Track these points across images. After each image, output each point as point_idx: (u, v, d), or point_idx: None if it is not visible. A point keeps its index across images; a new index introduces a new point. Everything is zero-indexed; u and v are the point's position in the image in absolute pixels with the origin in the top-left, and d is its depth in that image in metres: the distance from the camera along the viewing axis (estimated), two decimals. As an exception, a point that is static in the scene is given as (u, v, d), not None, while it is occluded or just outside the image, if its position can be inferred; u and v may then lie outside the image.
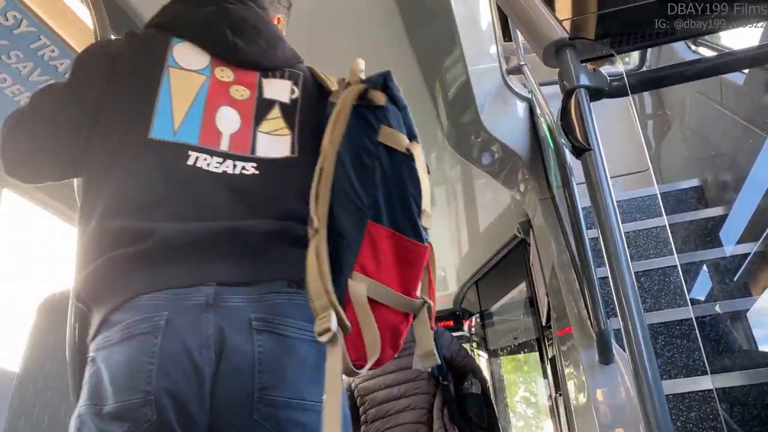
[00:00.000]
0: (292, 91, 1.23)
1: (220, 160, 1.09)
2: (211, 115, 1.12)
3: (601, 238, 0.94)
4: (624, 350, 1.71)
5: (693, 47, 3.40)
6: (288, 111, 1.20)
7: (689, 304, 2.29)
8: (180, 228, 0.99)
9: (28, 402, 1.83)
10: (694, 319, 2.08)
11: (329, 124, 1.08)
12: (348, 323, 0.91)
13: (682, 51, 3.53)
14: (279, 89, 1.22)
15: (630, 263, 0.91)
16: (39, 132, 1.10)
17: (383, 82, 1.15)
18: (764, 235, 2.25)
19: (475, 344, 5.67)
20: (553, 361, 3.68)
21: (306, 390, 0.96)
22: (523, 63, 2.84)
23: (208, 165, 1.07)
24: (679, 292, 2.31)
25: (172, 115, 1.09)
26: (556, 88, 1.09)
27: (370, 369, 1.02)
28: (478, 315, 5.47)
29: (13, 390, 1.88)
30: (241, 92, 1.18)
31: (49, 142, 1.10)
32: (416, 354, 1.05)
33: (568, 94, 1.03)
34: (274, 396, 0.94)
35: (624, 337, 0.89)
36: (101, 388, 0.91)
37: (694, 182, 3.06)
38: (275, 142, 1.15)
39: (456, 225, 4.19)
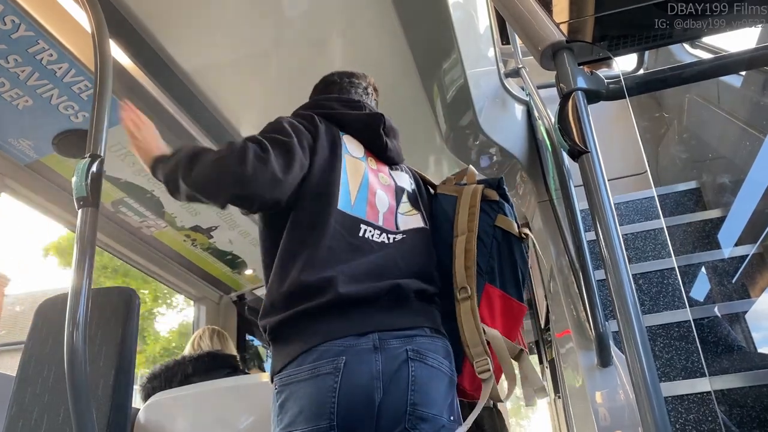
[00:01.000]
0: (411, 183, 1.61)
1: (379, 232, 1.41)
2: (373, 196, 1.45)
3: (598, 240, 0.94)
4: (622, 352, 1.71)
5: (690, 50, 3.41)
6: (412, 197, 1.57)
7: (687, 306, 2.29)
8: (356, 288, 1.27)
9: (26, 406, 1.82)
10: (692, 321, 2.08)
11: (464, 213, 1.50)
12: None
13: (679, 54, 3.53)
14: (404, 180, 1.60)
15: (628, 265, 0.91)
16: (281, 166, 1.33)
17: (497, 184, 1.57)
18: (762, 237, 2.26)
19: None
20: (552, 363, 3.68)
21: (442, 409, 1.25)
22: (521, 66, 2.84)
23: (372, 236, 1.39)
24: (677, 294, 2.31)
25: (350, 193, 1.41)
26: (554, 91, 1.09)
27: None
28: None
29: (12, 394, 1.88)
30: (385, 179, 1.54)
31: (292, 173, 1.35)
32: (525, 389, 1.44)
33: (565, 97, 1.03)
34: (421, 410, 1.21)
35: (622, 339, 0.88)
36: (294, 416, 1.19)
37: (692, 185, 3.06)
38: (410, 219, 1.50)
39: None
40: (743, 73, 2.65)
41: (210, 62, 2.31)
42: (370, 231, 1.39)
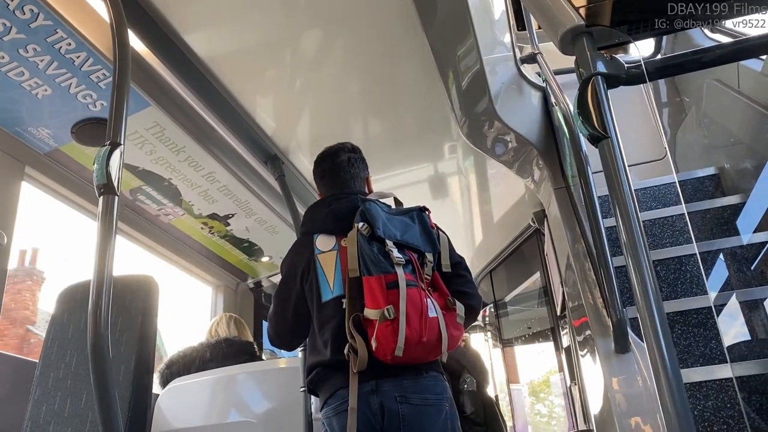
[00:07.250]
0: None
1: None
2: (345, 275, 1.79)
3: (618, 226, 0.93)
4: (640, 339, 1.71)
5: (710, 34, 3.35)
6: None
7: (708, 292, 2.28)
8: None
9: (49, 390, 1.86)
10: (713, 307, 2.07)
11: None
12: None
13: (698, 38, 3.48)
14: None
15: (648, 251, 0.91)
16: (289, 323, 1.93)
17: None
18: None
19: (489, 334, 5.67)
20: (568, 350, 3.68)
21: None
22: (537, 52, 2.81)
23: None
24: (695, 281, 2.29)
25: (328, 283, 1.83)
26: (570, 77, 1.09)
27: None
28: (492, 305, 5.46)
29: (35, 378, 1.91)
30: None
31: (300, 326, 1.92)
32: None
33: (585, 82, 1.03)
34: None
35: (642, 326, 0.88)
36: None
37: (711, 170, 3.03)
38: None
39: (470, 215, 4.18)
40: (764, 57, 2.61)
41: (225, 49, 2.32)
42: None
